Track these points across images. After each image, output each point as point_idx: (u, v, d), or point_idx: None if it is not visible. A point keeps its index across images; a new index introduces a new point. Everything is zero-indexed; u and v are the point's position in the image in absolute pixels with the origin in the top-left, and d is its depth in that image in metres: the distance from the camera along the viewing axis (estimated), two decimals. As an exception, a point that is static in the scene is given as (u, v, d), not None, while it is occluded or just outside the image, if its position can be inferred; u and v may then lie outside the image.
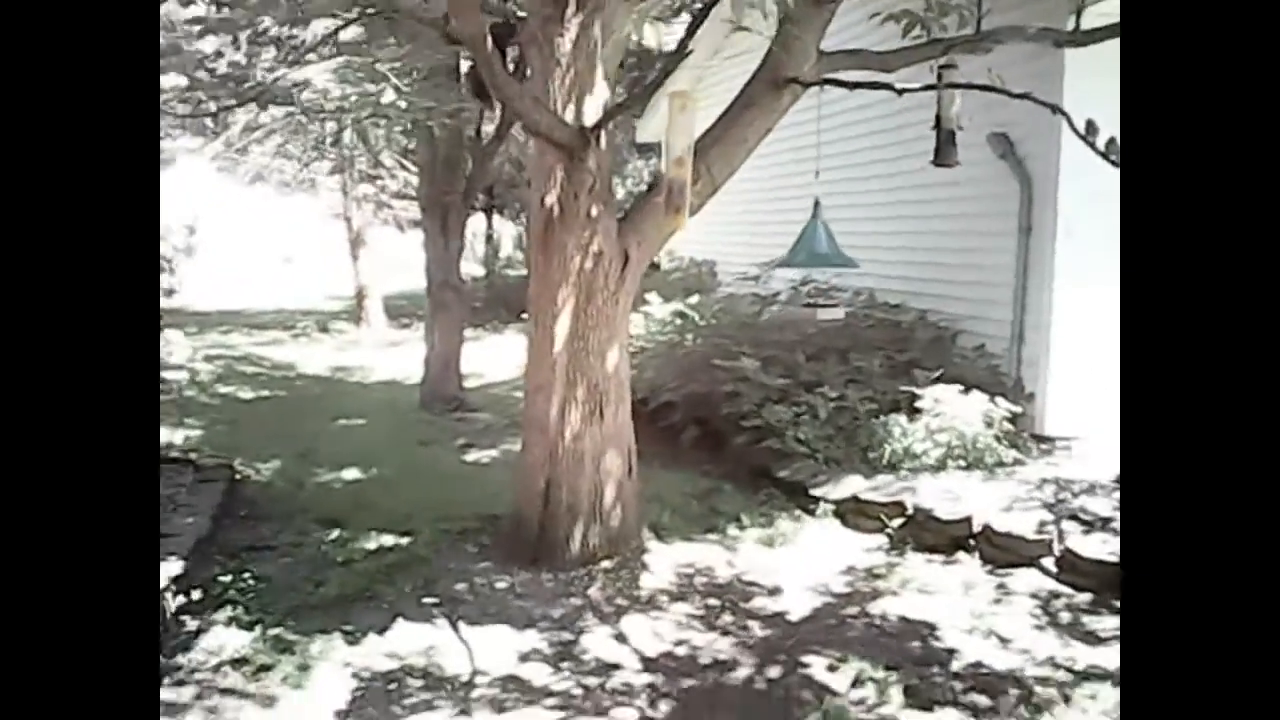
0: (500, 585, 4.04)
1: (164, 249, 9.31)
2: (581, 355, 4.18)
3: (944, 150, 4.51)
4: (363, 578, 4.05)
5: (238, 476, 5.52)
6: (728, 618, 3.77)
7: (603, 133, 4.09)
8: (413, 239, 17.73)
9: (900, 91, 3.91)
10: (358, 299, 14.61)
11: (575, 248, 4.10)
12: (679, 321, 7.02)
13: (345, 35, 5.62)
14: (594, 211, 4.09)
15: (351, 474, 5.89)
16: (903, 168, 6.81)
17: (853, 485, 4.93)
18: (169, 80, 4.52)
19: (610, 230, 4.17)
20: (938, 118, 4.45)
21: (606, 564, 4.19)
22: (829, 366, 5.75)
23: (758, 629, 3.67)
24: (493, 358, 10.67)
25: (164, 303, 8.16)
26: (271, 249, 20.47)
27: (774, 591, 4.02)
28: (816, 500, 4.96)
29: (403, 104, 4.82)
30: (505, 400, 8.40)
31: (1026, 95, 3.71)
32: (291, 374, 10.34)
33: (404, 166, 13.79)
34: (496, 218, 16.94)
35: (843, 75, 4.26)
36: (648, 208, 4.24)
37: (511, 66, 4.40)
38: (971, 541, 4.35)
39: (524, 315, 13.04)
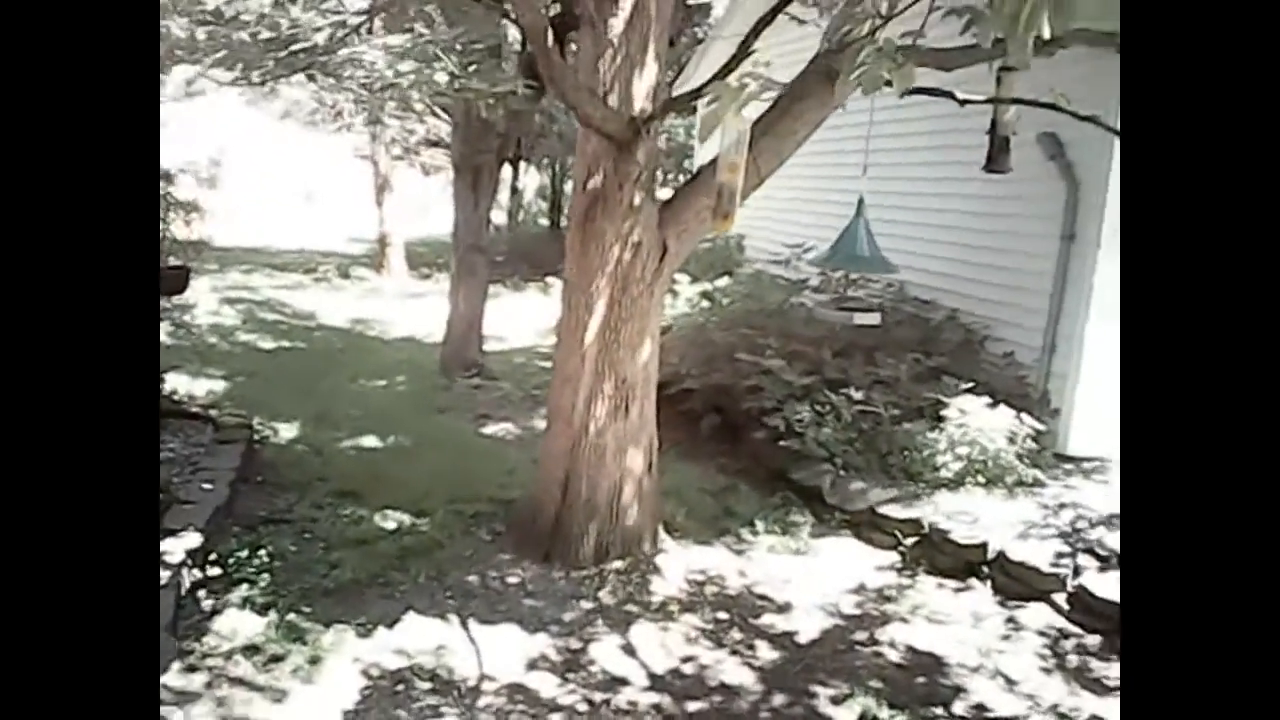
0: (512, 580, 4.05)
1: (189, 183, 9.21)
2: (613, 348, 4.12)
3: (998, 157, 4.34)
4: (376, 561, 4.08)
5: (256, 438, 5.54)
6: (736, 634, 3.77)
7: (653, 125, 3.97)
8: (436, 183, 17.55)
9: (963, 103, 3.73)
10: (380, 246, 14.49)
11: (615, 237, 4.00)
12: (706, 304, 6.92)
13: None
14: (636, 200, 3.98)
15: (369, 441, 5.91)
16: (946, 173, 6.61)
17: (870, 496, 4.89)
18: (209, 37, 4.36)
19: (651, 220, 4.07)
20: (993, 123, 4.26)
21: (619, 564, 4.19)
22: (855, 366, 5.65)
23: (765, 649, 3.67)
24: (513, 320, 10.61)
25: (186, 235, 8.04)
26: (294, 185, 20.31)
27: (784, 608, 4.01)
28: (832, 510, 4.93)
29: (453, 83, 4.67)
30: (524, 369, 8.38)
31: (1093, 118, 3.53)
32: (312, 324, 10.34)
33: (434, 114, 13.55)
34: (522, 165, 16.69)
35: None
36: (691, 199, 4.10)
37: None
38: (985, 569, 4.31)
39: (549, 276, 13.02)
